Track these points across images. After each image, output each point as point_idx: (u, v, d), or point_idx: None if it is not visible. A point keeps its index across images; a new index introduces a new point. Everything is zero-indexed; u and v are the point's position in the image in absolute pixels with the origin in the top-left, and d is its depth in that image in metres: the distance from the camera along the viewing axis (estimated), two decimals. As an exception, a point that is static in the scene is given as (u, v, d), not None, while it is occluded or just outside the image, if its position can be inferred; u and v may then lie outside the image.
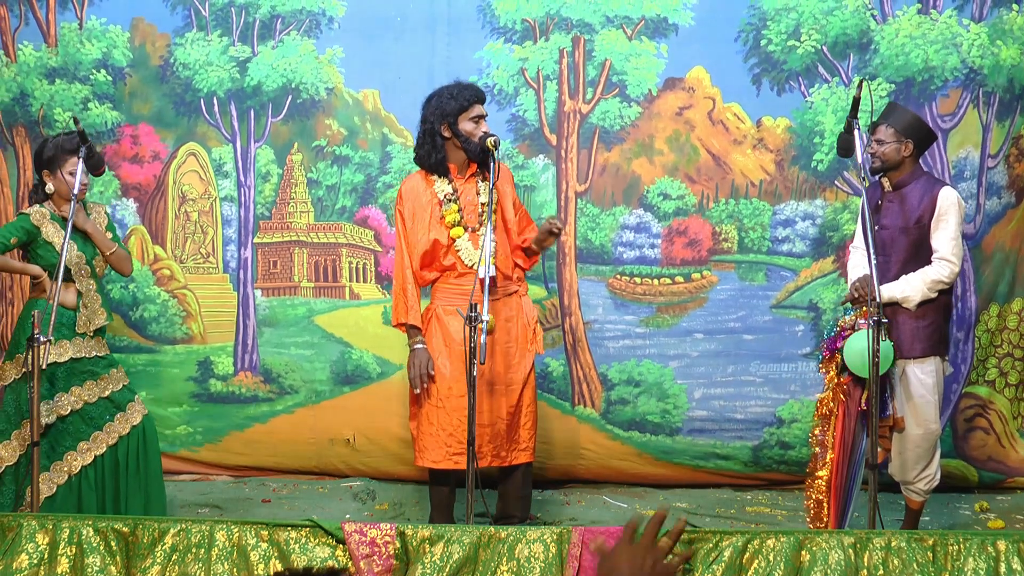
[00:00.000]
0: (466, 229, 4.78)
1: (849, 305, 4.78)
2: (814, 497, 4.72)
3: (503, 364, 4.79)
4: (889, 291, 4.54)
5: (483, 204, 4.76)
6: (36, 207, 4.83)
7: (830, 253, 5.86)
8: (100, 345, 4.88)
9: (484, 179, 4.78)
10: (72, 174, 4.71)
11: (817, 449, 4.72)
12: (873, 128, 4.64)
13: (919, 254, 4.63)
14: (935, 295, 4.56)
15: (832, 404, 4.62)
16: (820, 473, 4.66)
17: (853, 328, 4.59)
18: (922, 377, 4.63)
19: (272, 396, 6.11)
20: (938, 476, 4.77)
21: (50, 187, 4.78)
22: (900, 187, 4.65)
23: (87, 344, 4.82)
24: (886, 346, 4.40)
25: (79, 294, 4.81)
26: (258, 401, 6.11)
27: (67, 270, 4.74)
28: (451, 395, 4.75)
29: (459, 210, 4.77)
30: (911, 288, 4.55)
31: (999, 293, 5.86)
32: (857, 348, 4.45)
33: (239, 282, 6.12)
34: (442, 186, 4.80)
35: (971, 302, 5.84)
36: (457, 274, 4.81)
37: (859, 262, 4.82)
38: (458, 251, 4.77)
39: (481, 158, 4.70)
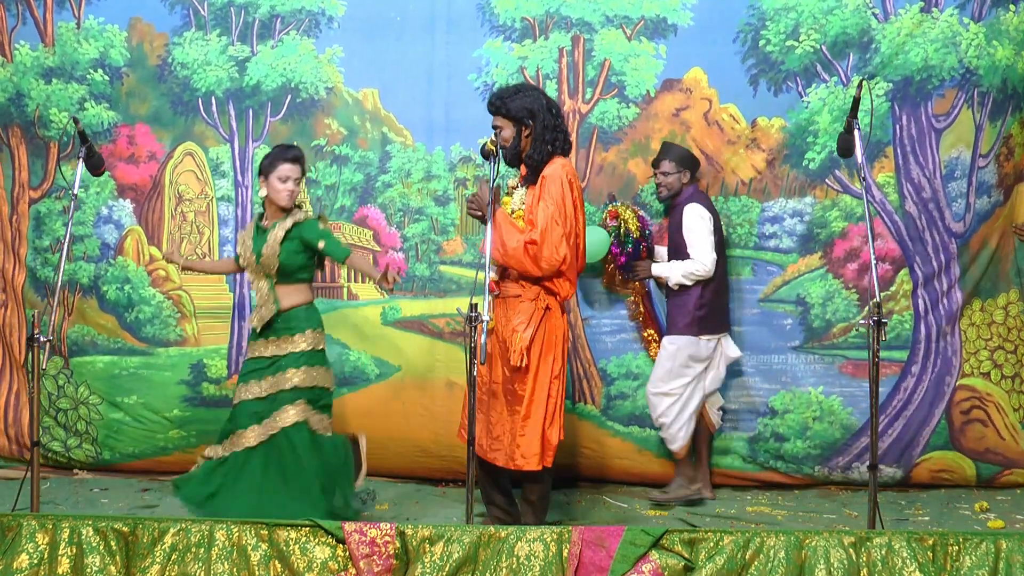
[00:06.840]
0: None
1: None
2: None
3: (487, 365, 4.81)
4: (657, 269, 5.66)
5: (514, 209, 4.88)
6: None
7: (817, 249, 5.87)
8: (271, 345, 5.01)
9: (523, 183, 4.90)
10: (280, 179, 4.89)
11: None
12: (656, 164, 5.65)
13: (684, 257, 5.57)
14: (691, 283, 5.53)
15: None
16: None
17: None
18: (667, 346, 5.60)
19: (267, 399, 6.08)
20: (676, 441, 5.57)
21: (263, 191, 4.93)
22: (675, 207, 5.62)
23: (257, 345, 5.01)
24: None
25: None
26: (253, 404, 6.08)
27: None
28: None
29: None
30: (671, 270, 5.57)
31: (982, 288, 5.91)
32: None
33: (235, 283, 6.08)
34: (512, 181, 5.03)
35: (957, 297, 5.87)
36: None
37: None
38: None
39: (514, 163, 4.87)
